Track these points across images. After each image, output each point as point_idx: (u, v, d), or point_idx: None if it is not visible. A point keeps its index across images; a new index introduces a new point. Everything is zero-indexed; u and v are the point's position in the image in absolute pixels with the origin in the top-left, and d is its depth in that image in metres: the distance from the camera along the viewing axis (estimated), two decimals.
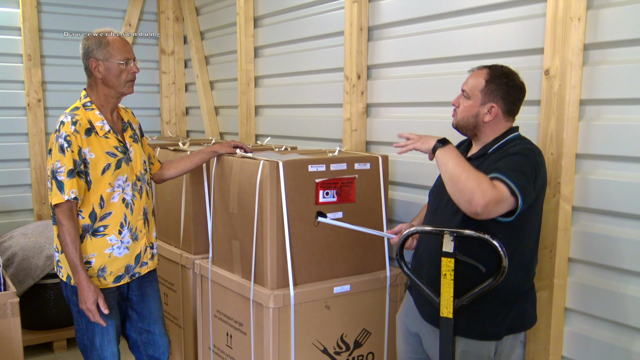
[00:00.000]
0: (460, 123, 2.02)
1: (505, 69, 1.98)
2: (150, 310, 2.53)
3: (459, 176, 1.75)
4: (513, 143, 1.92)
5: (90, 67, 2.30)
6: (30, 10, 4.32)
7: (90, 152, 2.24)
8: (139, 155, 2.44)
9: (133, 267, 2.40)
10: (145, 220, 2.44)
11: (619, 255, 2.08)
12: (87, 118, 2.27)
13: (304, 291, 2.48)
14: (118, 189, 2.31)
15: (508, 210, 1.77)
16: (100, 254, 2.30)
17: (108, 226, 2.30)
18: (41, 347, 3.78)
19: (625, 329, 2.09)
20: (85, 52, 2.31)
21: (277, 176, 2.42)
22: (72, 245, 2.20)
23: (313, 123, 3.52)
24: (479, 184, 1.70)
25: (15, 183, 4.44)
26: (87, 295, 2.21)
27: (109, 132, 2.31)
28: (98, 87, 2.32)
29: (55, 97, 4.52)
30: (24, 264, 3.56)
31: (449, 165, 1.80)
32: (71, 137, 2.19)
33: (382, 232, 2.20)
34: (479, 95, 1.95)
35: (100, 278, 2.32)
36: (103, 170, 2.26)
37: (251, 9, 3.94)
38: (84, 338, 2.36)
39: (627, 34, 2.01)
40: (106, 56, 2.28)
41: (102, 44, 2.28)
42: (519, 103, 1.98)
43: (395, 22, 2.92)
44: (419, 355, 2.15)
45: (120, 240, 2.33)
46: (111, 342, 2.36)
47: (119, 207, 2.32)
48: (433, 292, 1.92)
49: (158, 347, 2.56)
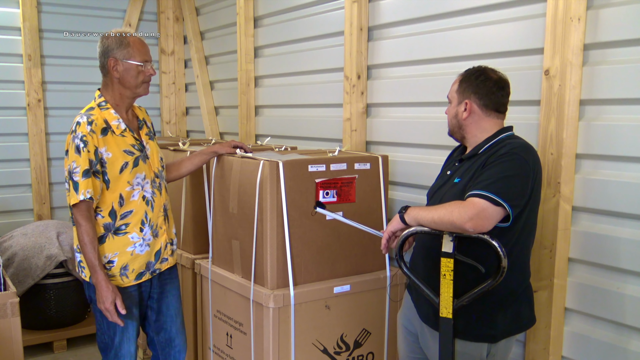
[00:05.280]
0: (450, 128, 2.09)
1: (479, 67, 2.02)
2: (169, 307, 2.53)
3: (433, 218, 1.84)
4: (503, 143, 1.92)
5: (108, 66, 2.30)
6: (30, 10, 4.32)
7: (107, 152, 2.25)
8: (156, 152, 2.45)
9: (153, 264, 2.41)
10: (165, 216, 2.46)
11: (619, 255, 2.08)
12: (103, 118, 2.28)
13: (304, 291, 2.48)
14: (137, 187, 2.32)
15: (501, 218, 1.80)
16: (123, 253, 2.31)
17: (129, 224, 2.31)
18: (41, 347, 3.78)
19: (625, 329, 2.09)
20: (104, 50, 2.30)
21: (277, 176, 2.42)
22: (91, 246, 2.20)
23: (313, 123, 3.52)
24: (451, 211, 1.79)
25: (15, 183, 4.43)
26: (106, 295, 2.22)
27: (125, 131, 2.32)
28: (114, 87, 2.33)
29: (55, 97, 4.52)
30: (24, 264, 3.56)
31: (420, 217, 1.89)
32: (87, 137, 2.20)
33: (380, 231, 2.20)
34: (456, 96, 2.03)
35: (123, 277, 2.33)
36: (121, 169, 2.27)
37: (251, 9, 3.94)
38: (105, 337, 2.37)
39: (627, 34, 2.01)
40: (126, 56, 2.29)
41: (123, 44, 2.29)
42: (496, 96, 1.97)
43: (395, 22, 2.92)
44: (419, 354, 2.15)
45: (142, 238, 2.34)
46: (130, 340, 2.38)
47: (139, 204, 2.33)
48: (431, 292, 1.93)
49: (174, 346, 2.57)
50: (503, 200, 1.76)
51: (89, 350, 3.83)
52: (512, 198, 1.78)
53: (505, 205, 1.77)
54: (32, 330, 3.73)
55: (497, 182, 1.79)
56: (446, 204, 1.84)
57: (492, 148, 1.94)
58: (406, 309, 2.20)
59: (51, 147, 4.53)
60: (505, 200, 1.77)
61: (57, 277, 3.64)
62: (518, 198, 1.80)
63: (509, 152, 1.86)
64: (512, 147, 1.87)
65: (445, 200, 1.93)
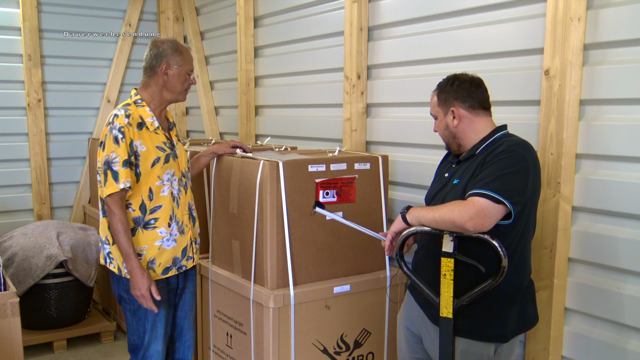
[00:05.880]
0: (445, 141, 2.10)
1: (449, 75, 2.06)
2: (185, 302, 2.58)
3: (434, 217, 1.85)
4: (500, 142, 1.93)
5: (160, 69, 2.37)
6: (30, 10, 4.32)
7: (141, 145, 2.31)
8: (183, 153, 2.54)
9: (180, 260, 2.45)
10: (190, 215, 2.51)
11: (619, 255, 2.08)
12: (139, 114, 2.36)
13: (304, 291, 2.48)
14: (167, 183, 2.38)
15: (502, 216, 1.80)
16: (151, 246, 2.36)
17: (159, 219, 2.37)
18: (41, 347, 3.78)
19: (625, 329, 2.09)
20: (159, 53, 2.38)
21: (277, 176, 2.42)
22: (125, 234, 2.26)
23: (313, 123, 3.52)
24: (452, 210, 1.80)
25: (15, 183, 4.44)
26: (142, 281, 2.27)
27: (158, 128, 2.39)
28: (158, 89, 2.41)
29: (55, 97, 4.52)
30: (24, 264, 3.56)
31: (422, 217, 1.90)
32: (125, 128, 2.27)
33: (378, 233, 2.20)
34: (440, 110, 2.04)
35: (150, 270, 2.37)
36: (153, 163, 2.34)
37: (251, 9, 3.94)
38: (135, 337, 2.42)
39: (627, 34, 2.01)
40: (178, 63, 2.39)
41: (177, 51, 2.39)
42: (477, 94, 1.99)
43: (395, 22, 2.92)
44: (420, 355, 2.15)
45: (170, 233, 2.39)
46: (158, 339, 2.42)
47: (168, 200, 2.39)
48: (432, 292, 1.93)
49: (185, 341, 2.60)
50: (503, 197, 1.76)
51: (89, 350, 3.83)
52: (513, 195, 1.78)
53: (506, 203, 1.77)
54: (32, 330, 3.73)
55: (497, 180, 1.79)
56: (447, 204, 1.85)
57: (489, 147, 1.94)
58: (408, 310, 2.19)
59: (51, 147, 4.53)
60: (505, 198, 1.76)
61: (57, 277, 3.64)
62: (518, 195, 1.80)
63: (506, 149, 1.86)
64: (510, 145, 1.88)
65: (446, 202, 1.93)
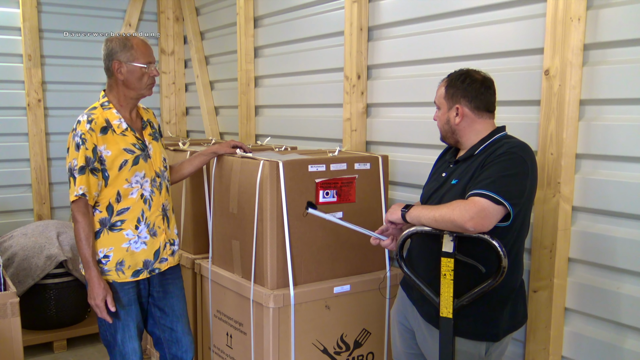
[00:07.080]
0: (442, 133, 2.09)
1: (463, 70, 2.02)
2: (173, 307, 2.54)
3: (434, 216, 1.85)
4: (500, 143, 1.93)
5: (113, 69, 2.34)
6: (30, 10, 4.32)
7: (106, 150, 2.29)
8: (159, 152, 2.48)
9: (152, 263, 2.42)
10: (164, 216, 2.47)
11: (619, 255, 2.08)
12: (104, 117, 2.33)
13: (304, 291, 2.48)
14: (136, 185, 2.36)
15: (501, 217, 1.80)
16: (118, 248, 2.34)
17: (125, 221, 2.35)
18: (41, 347, 3.78)
19: (625, 329, 2.09)
20: (109, 53, 2.34)
21: (277, 176, 2.42)
22: (86, 242, 2.26)
23: (313, 123, 3.52)
24: (452, 210, 1.80)
25: (15, 183, 4.43)
26: (97, 292, 2.27)
27: (126, 130, 2.36)
28: (118, 88, 2.37)
29: (55, 97, 4.52)
30: (24, 264, 3.56)
31: (422, 216, 1.90)
32: (86, 134, 2.25)
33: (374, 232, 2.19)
34: (445, 102, 2.03)
35: (119, 272, 2.35)
36: (120, 167, 2.32)
37: (251, 9, 3.94)
38: (107, 334, 2.41)
39: (627, 34, 2.01)
40: (129, 58, 2.32)
41: (127, 47, 2.32)
42: (485, 96, 1.98)
43: (395, 22, 2.92)
44: (414, 350, 2.16)
45: (137, 235, 2.37)
46: (132, 338, 2.40)
47: (137, 202, 2.36)
48: (432, 292, 1.93)
49: (181, 346, 2.58)
50: (504, 199, 1.77)
51: (89, 350, 3.83)
52: (512, 197, 1.79)
53: (506, 204, 1.77)
54: (32, 330, 3.73)
55: (498, 181, 1.80)
56: (448, 203, 1.85)
57: (488, 148, 1.94)
58: (401, 305, 2.20)
59: (51, 147, 4.53)
60: (505, 199, 1.77)
61: (57, 277, 3.64)
62: (517, 197, 1.81)
63: (507, 151, 1.87)
64: (510, 147, 1.88)
65: (444, 202, 1.93)
